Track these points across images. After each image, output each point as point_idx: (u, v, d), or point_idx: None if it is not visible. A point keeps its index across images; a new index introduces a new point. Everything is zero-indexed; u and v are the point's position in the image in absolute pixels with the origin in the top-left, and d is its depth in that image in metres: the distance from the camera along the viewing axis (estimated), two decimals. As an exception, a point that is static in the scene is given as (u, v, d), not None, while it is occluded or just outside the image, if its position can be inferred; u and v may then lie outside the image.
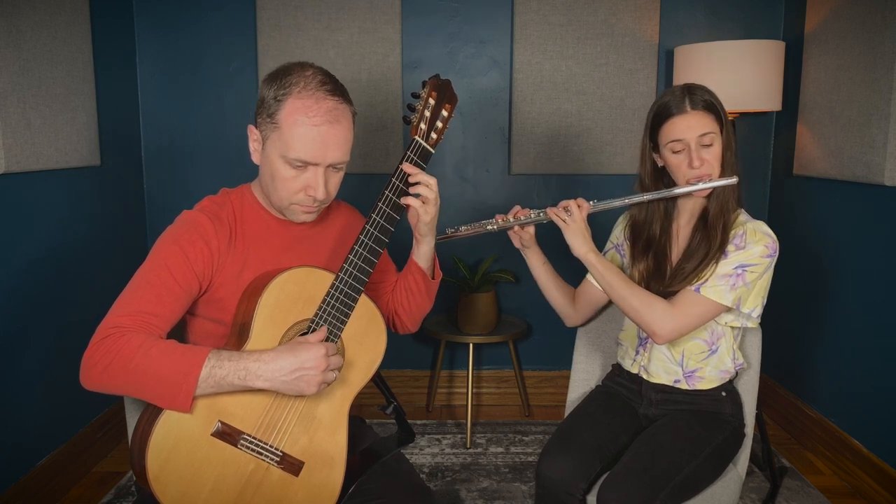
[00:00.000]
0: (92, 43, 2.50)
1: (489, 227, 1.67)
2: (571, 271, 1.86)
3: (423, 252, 1.48)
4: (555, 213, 1.61)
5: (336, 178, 1.35)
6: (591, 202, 1.61)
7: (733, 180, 1.57)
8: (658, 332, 1.56)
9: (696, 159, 1.57)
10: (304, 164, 1.29)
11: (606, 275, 1.60)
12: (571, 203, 1.61)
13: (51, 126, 2.27)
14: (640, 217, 1.72)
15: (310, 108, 1.27)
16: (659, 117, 1.61)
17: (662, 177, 1.68)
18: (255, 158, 1.36)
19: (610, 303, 1.84)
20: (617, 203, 1.62)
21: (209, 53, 2.92)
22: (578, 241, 1.59)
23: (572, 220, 1.59)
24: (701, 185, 1.57)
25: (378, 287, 1.58)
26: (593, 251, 1.60)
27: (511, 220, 1.67)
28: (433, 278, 1.52)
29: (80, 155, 2.44)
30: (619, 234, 1.83)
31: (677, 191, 1.60)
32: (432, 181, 1.37)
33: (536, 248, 1.76)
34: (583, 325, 1.92)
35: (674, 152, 1.60)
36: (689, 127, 1.56)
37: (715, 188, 1.59)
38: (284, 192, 1.32)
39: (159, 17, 2.90)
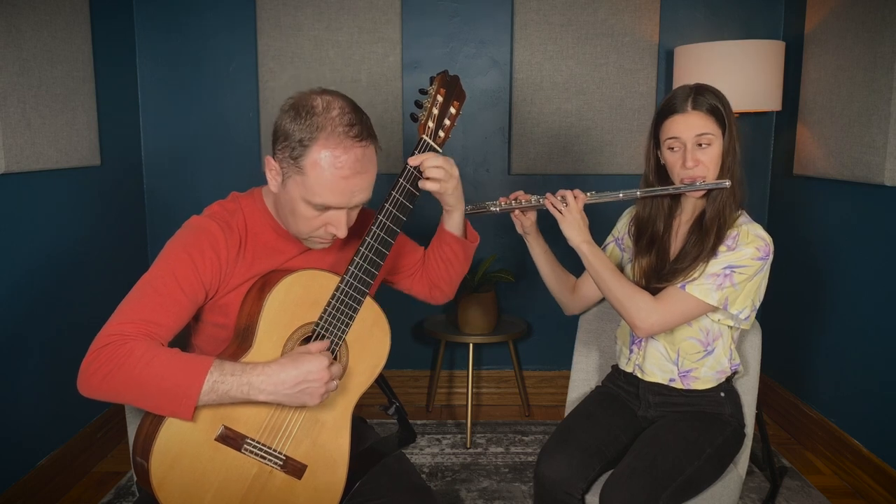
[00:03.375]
0: (92, 43, 2.50)
1: (492, 209, 1.69)
2: (576, 260, 1.86)
3: (455, 221, 1.48)
4: (551, 203, 1.62)
5: (356, 212, 1.33)
6: (587, 194, 1.62)
7: (724, 184, 1.57)
8: (639, 325, 1.57)
9: (690, 159, 1.57)
10: (327, 208, 1.27)
11: (596, 265, 1.61)
12: (568, 193, 1.62)
13: (51, 126, 2.26)
14: (644, 213, 1.73)
15: (338, 159, 1.21)
16: (662, 114, 1.63)
17: (665, 174, 1.69)
18: (273, 188, 1.31)
19: None
20: (612, 197, 1.63)
21: (209, 53, 2.92)
22: (573, 232, 1.61)
23: (568, 210, 1.60)
24: (692, 186, 1.59)
25: (400, 271, 1.58)
26: (587, 241, 1.61)
27: (513, 203, 1.69)
28: (469, 240, 1.53)
29: (80, 155, 2.44)
30: (621, 227, 1.84)
31: (670, 189, 1.62)
32: (439, 161, 1.35)
33: (537, 234, 1.76)
34: (580, 314, 1.92)
35: (670, 150, 1.61)
36: (688, 126, 1.57)
37: (709, 190, 1.60)
38: (304, 228, 1.29)
39: (159, 17, 2.90)
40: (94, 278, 2.54)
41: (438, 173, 1.35)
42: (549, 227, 1.79)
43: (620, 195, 1.63)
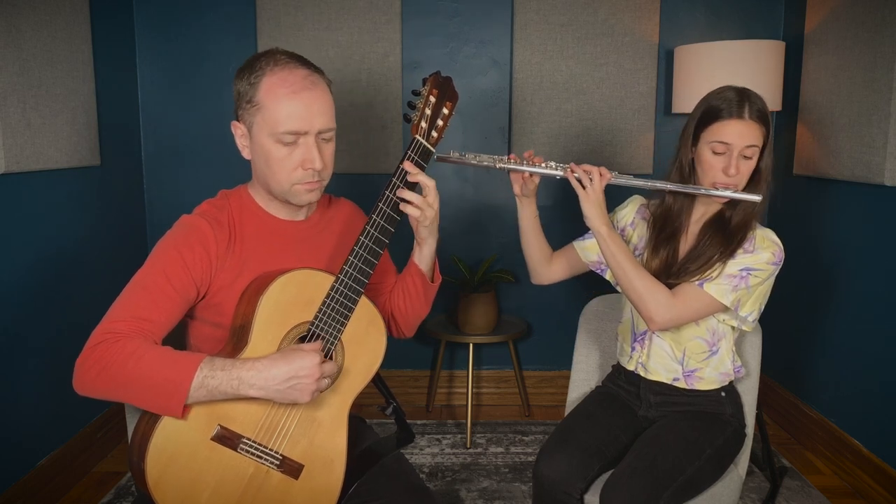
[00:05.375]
0: (92, 43, 2.50)
1: (499, 165, 1.61)
2: (557, 231, 1.84)
3: (424, 254, 1.45)
4: (575, 178, 1.57)
5: (329, 150, 1.34)
6: (612, 173, 1.57)
7: (757, 198, 1.55)
8: (654, 319, 1.55)
9: (733, 167, 1.55)
10: (295, 137, 1.28)
11: (616, 251, 1.57)
12: (594, 170, 1.56)
13: (51, 126, 2.27)
14: (675, 206, 1.68)
15: (286, 79, 1.28)
16: (711, 114, 1.57)
17: (693, 170, 1.66)
18: (246, 154, 1.36)
19: (584, 273, 1.83)
20: (638, 183, 1.59)
21: (209, 53, 2.92)
22: (595, 212, 1.56)
23: (592, 189, 1.55)
24: (725, 193, 1.56)
25: (376, 288, 1.56)
26: (607, 224, 1.57)
27: (524, 164, 1.61)
28: (433, 281, 1.51)
29: (80, 155, 2.44)
30: (622, 217, 1.80)
31: (702, 190, 1.59)
32: (430, 183, 1.35)
33: (533, 199, 1.72)
34: (547, 285, 1.87)
35: (714, 153, 1.57)
36: (741, 134, 1.54)
37: (738, 200, 1.58)
38: (282, 174, 1.31)
39: (159, 18, 2.90)
40: (94, 278, 2.54)
41: (426, 192, 1.35)
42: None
43: (648, 183, 1.59)
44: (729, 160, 1.55)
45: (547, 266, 1.81)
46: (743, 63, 2.50)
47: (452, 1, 2.93)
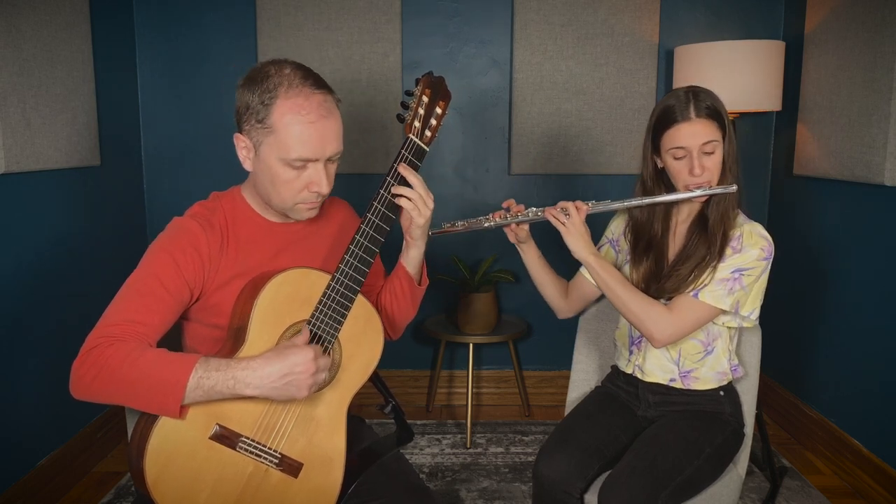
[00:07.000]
0: (92, 43, 2.51)
1: (486, 225, 1.67)
2: (566, 265, 1.86)
3: (412, 256, 1.46)
4: (553, 216, 1.61)
5: (333, 169, 1.34)
6: (588, 203, 1.61)
7: (732, 188, 1.56)
8: (656, 338, 1.57)
9: (698, 167, 1.55)
10: (305, 163, 1.28)
11: (606, 278, 1.60)
12: (570, 205, 1.60)
13: (51, 126, 2.27)
14: (642, 217, 1.71)
15: (301, 107, 1.26)
16: (662, 122, 1.59)
17: (663, 178, 1.67)
18: (247, 166, 1.35)
19: (602, 296, 1.84)
20: (615, 206, 1.62)
21: (209, 53, 2.92)
22: (579, 245, 1.59)
23: (571, 223, 1.59)
24: (699, 192, 1.57)
25: (365, 288, 1.56)
26: (593, 254, 1.60)
27: (508, 218, 1.66)
28: (420, 284, 1.51)
29: (80, 155, 2.45)
30: (614, 229, 1.82)
31: (676, 196, 1.60)
32: (417, 181, 1.35)
33: (532, 242, 1.76)
34: (574, 316, 1.91)
35: (675, 158, 1.58)
36: (693, 134, 1.55)
37: (714, 195, 1.59)
38: (287, 194, 1.31)
39: (159, 18, 2.90)
40: (94, 279, 2.54)
41: (412, 194, 1.34)
42: (539, 234, 1.79)
43: (625, 203, 1.61)
44: (691, 162, 1.56)
45: (565, 299, 1.84)
46: (743, 63, 2.50)
47: (452, 1, 2.93)
